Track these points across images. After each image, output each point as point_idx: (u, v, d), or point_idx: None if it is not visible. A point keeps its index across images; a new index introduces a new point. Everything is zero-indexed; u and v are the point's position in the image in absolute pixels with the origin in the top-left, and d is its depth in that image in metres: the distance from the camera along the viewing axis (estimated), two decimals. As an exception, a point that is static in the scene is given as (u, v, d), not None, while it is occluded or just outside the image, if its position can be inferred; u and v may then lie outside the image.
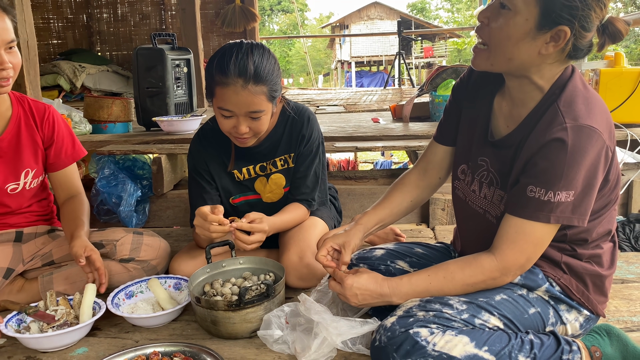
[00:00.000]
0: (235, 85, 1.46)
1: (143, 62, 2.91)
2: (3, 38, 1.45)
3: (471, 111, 1.35)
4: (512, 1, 1.09)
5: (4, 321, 1.43)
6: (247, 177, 1.78)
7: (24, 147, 1.68)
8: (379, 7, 26.63)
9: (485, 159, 1.28)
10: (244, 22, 6.74)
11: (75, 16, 7.02)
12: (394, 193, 1.51)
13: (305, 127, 1.74)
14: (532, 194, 1.11)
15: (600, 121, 1.09)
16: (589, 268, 1.23)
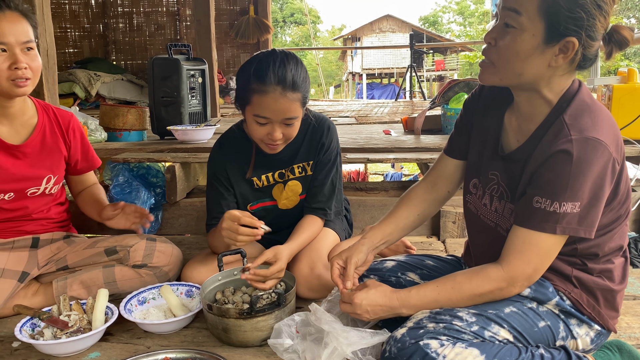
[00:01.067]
0: (274, 92, 1.51)
1: (159, 71, 2.95)
2: (18, 39, 1.52)
3: (482, 126, 1.36)
4: (516, 19, 1.11)
5: (19, 326, 1.45)
6: (266, 184, 1.81)
7: (48, 153, 1.73)
8: (391, 20, 26.75)
9: (496, 172, 1.29)
10: (257, 33, 6.83)
11: (92, 26, 7.15)
12: (400, 207, 1.51)
13: (325, 135, 1.77)
14: (538, 204, 1.11)
15: (606, 134, 1.10)
16: (600, 283, 1.23)
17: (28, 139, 1.69)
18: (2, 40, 1.50)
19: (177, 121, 2.99)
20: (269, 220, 1.83)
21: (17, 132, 1.68)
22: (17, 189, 1.67)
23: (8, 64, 1.52)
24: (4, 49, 1.51)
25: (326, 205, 1.80)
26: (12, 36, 1.51)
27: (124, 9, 7.12)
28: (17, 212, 1.71)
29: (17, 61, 1.52)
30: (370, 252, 1.43)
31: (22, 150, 1.68)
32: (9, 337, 1.52)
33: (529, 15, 1.09)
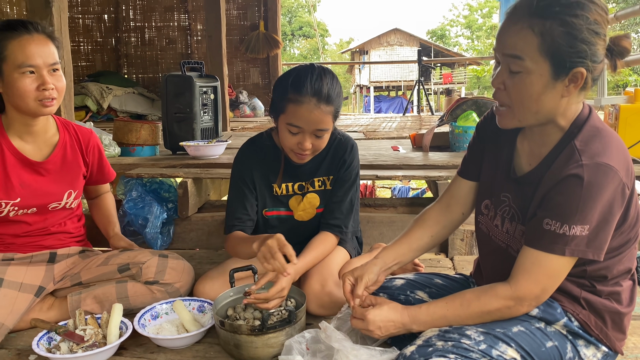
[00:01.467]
0: (309, 103, 1.58)
1: (172, 88, 3.01)
2: (46, 61, 1.59)
3: (495, 148, 1.38)
4: (520, 64, 1.13)
5: (36, 340, 1.48)
6: (285, 194, 1.85)
7: (68, 169, 1.80)
8: (398, 34, 26.89)
9: (508, 194, 1.32)
10: (267, 48, 6.92)
11: (104, 39, 7.28)
12: (414, 228, 1.53)
13: (348, 153, 1.82)
14: (548, 226, 1.14)
15: (616, 159, 1.12)
16: (608, 305, 1.25)
17: (50, 155, 1.75)
18: (31, 62, 1.56)
19: (189, 137, 3.04)
20: (282, 230, 1.86)
21: (40, 150, 1.74)
22: (40, 204, 1.73)
23: (36, 85, 1.58)
24: (32, 71, 1.57)
25: (343, 223, 1.82)
26: (40, 58, 1.57)
27: (136, 23, 7.25)
28: (37, 225, 1.77)
29: (45, 82, 1.58)
30: (381, 273, 1.45)
31: (45, 167, 1.73)
32: (26, 350, 1.55)
33: (532, 58, 1.12)
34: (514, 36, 1.13)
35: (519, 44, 1.12)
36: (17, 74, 1.56)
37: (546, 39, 1.09)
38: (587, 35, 1.09)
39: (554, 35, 1.09)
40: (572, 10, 1.09)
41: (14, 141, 1.69)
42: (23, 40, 1.56)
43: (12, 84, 1.57)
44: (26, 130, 1.70)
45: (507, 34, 1.15)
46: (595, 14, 1.10)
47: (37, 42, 1.58)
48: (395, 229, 2.51)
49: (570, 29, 1.08)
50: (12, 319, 1.59)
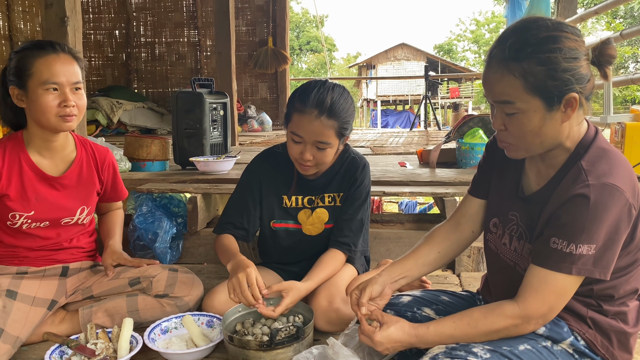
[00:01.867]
0: (311, 115, 1.62)
1: (182, 104, 3.06)
2: (69, 79, 1.65)
3: (503, 168, 1.41)
4: (513, 107, 1.16)
5: (48, 353, 1.51)
6: (294, 206, 1.87)
7: (83, 186, 1.84)
8: (405, 48, 27.06)
9: (515, 213, 1.33)
10: (275, 64, 7.00)
11: (115, 55, 7.39)
12: (421, 245, 1.54)
13: (360, 171, 1.84)
14: (555, 245, 1.15)
15: (623, 180, 1.14)
16: (615, 325, 1.25)
17: (66, 171, 1.80)
18: (55, 80, 1.63)
19: (198, 152, 3.09)
20: (290, 244, 1.90)
21: (57, 165, 1.79)
22: (53, 218, 1.77)
23: (58, 102, 1.64)
24: (55, 88, 1.63)
25: (352, 241, 1.83)
26: (64, 77, 1.64)
27: (147, 39, 7.37)
28: (50, 240, 1.80)
29: (67, 99, 1.64)
30: (387, 286, 1.46)
31: (61, 182, 1.78)
32: (38, 364, 1.58)
33: (522, 99, 1.15)
34: (498, 83, 1.17)
35: (505, 89, 1.16)
36: (41, 90, 1.62)
37: (528, 79, 1.13)
38: (566, 64, 1.11)
39: (535, 73, 1.12)
40: (545, 47, 1.11)
41: (33, 156, 1.74)
42: (49, 58, 1.63)
43: (36, 99, 1.63)
44: (45, 145, 1.75)
45: (492, 83, 1.19)
46: (568, 41, 1.12)
47: (62, 61, 1.65)
48: (402, 245, 2.52)
49: (548, 65, 1.11)
50: (25, 332, 1.62)
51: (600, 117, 3.25)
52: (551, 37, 1.12)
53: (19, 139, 1.74)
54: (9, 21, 6.45)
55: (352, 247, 1.83)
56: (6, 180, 1.69)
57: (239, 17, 7.12)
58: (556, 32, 1.12)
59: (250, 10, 7.19)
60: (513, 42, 1.14)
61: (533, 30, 1.13)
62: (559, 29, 1.13)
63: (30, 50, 1.65)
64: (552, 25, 1.14)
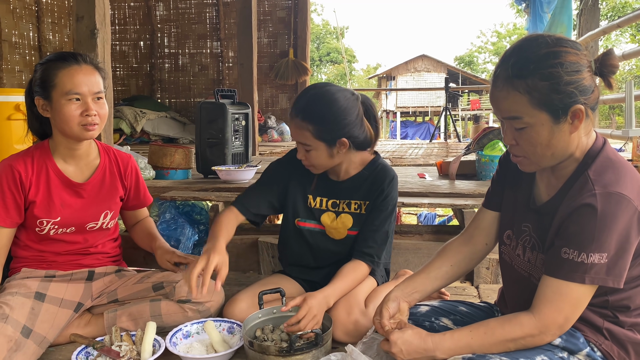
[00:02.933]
0: (290, 115, 1.76)
1: (206, 115, 3.13)
2: (91, 89, 1.71)
3: (516, 180, 1.43)
4: (521, 122, 1.20)
5: (75, 354, 1.56)
6: (318, 207, 1.91)
7: (107, 191, 1.89)
8: (426, 60, 27.03)
9: (528, 224, 1.35)
10: (295, 75, 7.07)
11: (139, 65, 7.55)
12: (434, 259, 1.56)
13: (387, 183, 1.84)
14: (566, 255, 1.17)
15: (630, 188, 1.15)
16: (631, 336, 1.26)
17: (90, 178, 1.85)
18: (77, 90, 1.68)
19: (220, 161, 3.14)
20: (313, 245, 1.92)
21: (82, 172, 1.85)
22: (78, 223, 1.82)
23: (80, 111, 1.69)
24: (77, 98, 1.69)
25: (376, 253, 1.82)
26: (85, 87, 1.69)
27: (171, 50, 7.51)
28: (77, 245, 1.86)
29: (89, 109, 1.69)
30: (401, 301, 1.46)
31: (85, 188, 1.83)
32: (65, 364, 1.63)
33: (529, 114, 1.19)
34: (505, 101, 1.21)
35: (512, 106, 1.20)
36: (64, 101, 1.68)
37: (534, 95, 1.17)
38: (568, 77, 1.15)
39: (539, 89, 1.16)
40: (547, 62, 1.15)
41: (59, 163, 1.80)
42: (72, 70, 1.69)
43: (60, 109, 1.69)
44: (70, 153, 1.81)
45: (499, 101, 1.23)
46: (569, 55, 1.16)
47: (84, 72, 1.70)
48: (420, 256, 2.53)
49: (551, 79, 1.15)
50: (52, 333, 1.68)
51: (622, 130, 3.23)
52: (552, 52, 1.16)
53: (45, 148, 1.80)
54: (38, 32, 6.65)
55: (376, 258, 1.82)
56: (35, 188, 1.75)
57: (261, 28, 7.22)
58: (556, 47, 1.17)
59: (272, 22, 7.29)
60: (515, 61, 1.18)
61: (533, 48, 1.18)
62: (558, 44, 1.17)
63: (53, 62, 1.71)
64: (551, 42, 1.18)
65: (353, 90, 1.81)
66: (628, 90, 3.14)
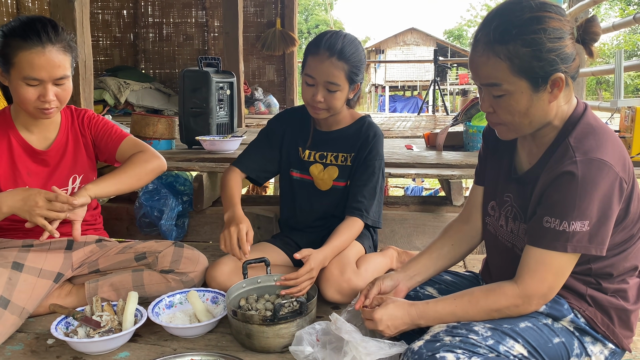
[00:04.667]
0: (322, 55, 1.72)
1: (189, 83, 3.05)
2: (52, 75, 1.57)
3: (498, 152, 1.42)
4: (500, 89, 1.17)
5: (54, 324, 1.53)
6: (307, 159, 1.95)
7: (72, 155, 1.82)
8: (415, 33, 26.78)
9: (509, 194, 1.34)
10: (283, 46, 6.94)
11: (122, 35, 7.35)
12: (435, 240, 1.56)
13: (372, 137, 1.89)
14: (548, 224, 1.15)
15: (611, 154, 1.14)
16: (615, 302, 1.26)
17: (53, 143, 1.78)
18: (36, 76, 1.55)
19: (205, 131, 3.09)
20: (303, 195, 1.99)
21: (45, 138, 1.78)
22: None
23: (37, 95, 1.58)
24: (37, 82, 1.56)
25: (364, 207, 1.85)
26: (46, 73, 1.55)
27: (155, 19, 7.31)
28: None
29: (45, 95, 1.58)
30: (402, 282, 1.46)
31: (49, 154, 1.77)
32: (44, 335, 1.60)
33: (508, 81, 1.16)
34: (484, 66, 1.17)
35: (491, 72, 1.17)
36: (21, 82, 1.56)
37: (514, 61, 1.13)
38: (550, 45, 1.12)
39: (520, 55, 1.13)
40: (529, 28, 1.12)
41: (21, 132, 1.73)
42: (33, 53, 1.53)
43: (16, 89, 1.58)
44: (32, 122, 1.73)
45: (478, 66, 1.19)
46: (552, 21, 1.13)
47: (47, 57, 1.55)
48: (407, 227, 2.52)
49: (533, 46, 1.12)
50: (31, 304, 1.64)
51: (610, 101, 3.22)
52: (535, 17, 1.12)
53: (6, 115, 1.73)
54: (16, -1, 6.43)
55: (364, 212, 1.85)
56: None
57: (247, -3, 7.06)
58: (540, 12, 1.13)
59: (258, -10, 7.13)
60: (497, 25, 1.15)
61: (517, 12, 1.14)
62: (542, 9, 1.13)
63: (14, 39, 1.54)
64: (535, 6, 1.14)
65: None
66: (617, 61, 3.11)
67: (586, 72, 4.72)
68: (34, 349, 1.53)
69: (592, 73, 4.45)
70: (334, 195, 1.94)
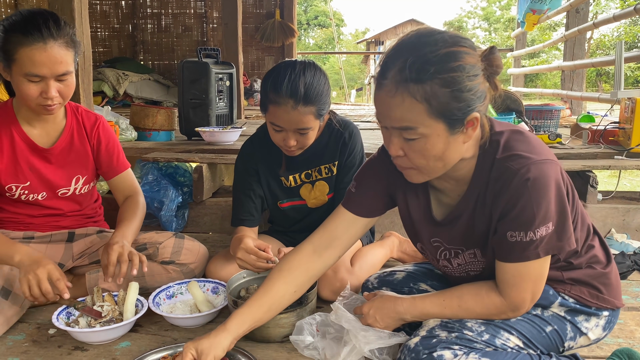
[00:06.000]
0: (287, 105, 1.58)
1: (188, 74, 3.05)
2: (54, 72, 1.53)
3: (406, 188, 1.32)
4: (415, 132, 1.07)
5: (56, 314, 1.54)
6: (294, 185, 1.89)
7: (76, 154, 1.79)
8: (415, 25, 26.63)
9: (438, 239, 1.29)
10: (282, 37, 6.92)
11: (121, 26, 7.33)
12: (275, 282, 1.33)
13: (348, 139, 1.83)
14: (514, 238, 1.11)
15: (542, 150, 1.12)
16: (591, 272, 1.26)
17: (57, 142, 1.75)
18: (37, 72, 1.51)
19: (204, 123, 3.09)
20: (299, 218, 1.93)
21: (48, 135, 1.74)
22: (48, 188, 1.76)
23: (39, 92, 1.54)
24: (38, 79, 1.53)
25: None
26: (48, 70, 1.51)
27: (153, 10, 7.28)
28: (52, 210, 1.81)
29: (47, 92, 1.54)
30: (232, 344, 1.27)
31: (52, 153, 1.74)
32: (46, 324, 1.61)
33: (424, 124, 1.06)
34: (398, 108, 1.05)
35: (406, 115, 1.05)
36: (23, 78, 1.52)
37: (432, 103, 1.03)
38: (469, 83, 1.04)
39: (439, 96, 1.03)
40: (447, 65, 1.02)
41: (23, 126, 1.70)
42: (34, 49, 1.48)
43: (18, 85, 1.55)
44: (34, 117, 1.69)
45: (389, 107, 1.07)
46: (468, 57, 1.04)
47: (48, 53, 1.50)
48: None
49: (452, 86, 1.02)
50: (32, 294, 1.65)
51: (610, 93, 3.21)
52: (452, 53, 1.03)
53: (8, 108, 1.70)
54: (15, -10, 6.40)
55: None
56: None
57: (246, -12, 7.02)
58: (455, 47, 1.04)
59: (257, -19, 7.09)
60: (413, 62, 1.02)
61: (431, 46, 1.03)
62: (457, 43, 1.04)
63: (15, 35, 1.50)
64: (450, 40, 1.05)
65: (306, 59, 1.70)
66: (618, 52, 3.10)
67: (586, 64, 4.71)
68: (35, 339, 1.54)
69: (592, 64, 4.43)
70: (332, 207, 1.86)
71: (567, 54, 5.33)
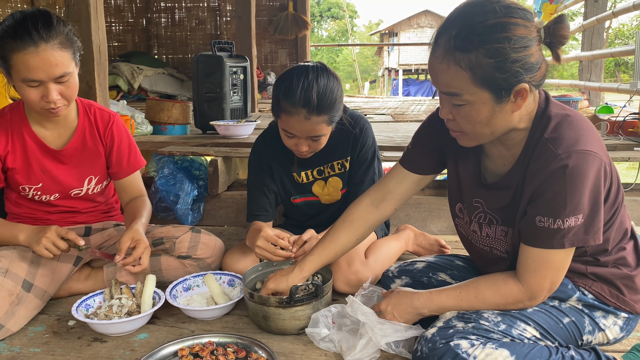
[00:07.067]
0: (299, 115, 1.58)
1: (203, 68, 3.05)
2: (50, 75, 1.48)
3: (458, 151, 1.34)
4: (460, 99, 1.10)
5: (75, 306, 1.56)
6: (306, 181, 1.89)
7: (88, 155, 1.78)
8: (429, 16, 26.37)
9: (480, 200, 1.30)
10: (295, 29, 6.90)
11: (135, 20, 7.36)
12: (340, 231, 1.48)
13: (359, 134, 1.82)
14: (542, 223, 1.12)
15: (591, 141, 1.10)
16: (617, 272, 1.24)
17: (69, 142, 1.74)
18: (34, 77, 1.46)
19: (219, 116, 3.10)
20: (312, 214, 1.94)
21: (60, 136, 1.73)
22: (61, 189, 1.77)
23: (40, 96, 1.51)
24: (37, 83, 1.49)
25: None
26: (44, 73, 1.47)
27: (167, 4, 7.30)
28: (67, 207, 1.83)
29: (48, 95, 1.50)
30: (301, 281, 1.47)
31: (64, 154, 1.74)
32: (65, 316, 1.64)
33: (469, 92, 1.09)
34: (444, 75, 1.10)
35: (451, 82, 1.09)
36: (23, 84, 1.49)
37: (476, 72, 1.06)
38: (515, 55, 1.04)
39: (483, 66, 1.05)
40: (493, 36, 1.03)
41: (34, 127, 1.69)
42: (27, 54, 1.43)
43: (19, 90, 1.53)
44: (44, 118, 1.68)
45: (438, 73, 1.11)
46: (518, 29, 1.04)
47: (41, 57, 1.44)
48: (421, 211, 2.52)
49: (496, 57, 1.04)
50: (53, 287, 1.68)
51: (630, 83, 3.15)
52: (499, 24, 1.04)
53: (20, 110, 1.69)
54: (31, -15, 6.45)
55: None
56: (12, 155, 1.68)
57: (259, -19, 7.00)
58: (505, 18, 1.04)
59: (270, -27, 7.07)
60: (459, 31, 1.05)
61: (480, 17, 1.05)
62: (508, 14, 1.05)
63: (6, 41, 1.45)
64: (500, 10, 1.05)
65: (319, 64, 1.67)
66: (638, 41, 3.04)
67: (605, 54, 4.63)
68: (55, 330, 1.56)
69: (611, 54, 4.35)
70: (344, 203, 1.86)
71: (585, 43, 5.24)
